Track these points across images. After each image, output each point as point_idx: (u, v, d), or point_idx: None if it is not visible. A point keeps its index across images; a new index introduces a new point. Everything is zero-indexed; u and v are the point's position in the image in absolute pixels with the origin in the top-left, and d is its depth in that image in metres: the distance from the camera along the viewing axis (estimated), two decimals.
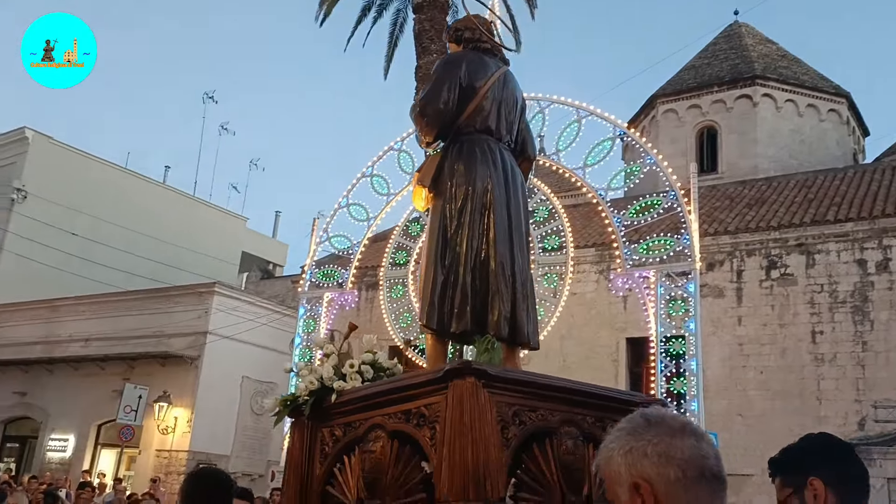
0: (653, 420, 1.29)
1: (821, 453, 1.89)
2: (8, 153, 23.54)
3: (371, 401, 2.46)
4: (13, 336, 20.64)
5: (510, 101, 3.10)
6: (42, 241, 20.51)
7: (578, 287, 13.87)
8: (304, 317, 13.11)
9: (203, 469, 3.06)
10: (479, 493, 1.99)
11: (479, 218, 2.84)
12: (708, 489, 1.23)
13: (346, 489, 2.39)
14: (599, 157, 10.85)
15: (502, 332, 2.79)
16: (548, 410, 2.30)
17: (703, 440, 1.28)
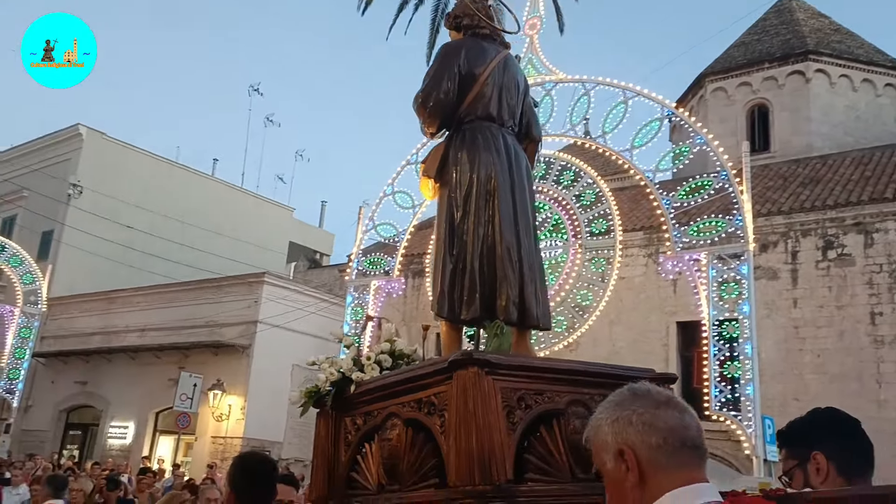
0: (639, 392, 1.37)
1: (826, 428, 1.91)
2: (63, 150, 24.21)
3: (387, 391, 2.53)
4: (73, 327, 21.32)
5: (511, 86, 3.08)
6: (98, 234, 21.08)
7: (627, 271, 13.71)
8: (351, 305, 13.23)
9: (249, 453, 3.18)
10: (485, 476, 2.05)
11: (485, 205, 2.85)
12: (688, 456, 1.30)
13: (369, 475, 2.49)
14: (647, 139, 10.67)
15: (511, 316, 2.80)
16: (554, 392, 2.33)
17: (685, 413, 1.35)
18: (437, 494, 2.18)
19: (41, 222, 22.87)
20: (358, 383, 2.64)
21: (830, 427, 1.91)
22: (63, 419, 21.22)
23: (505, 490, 2.07)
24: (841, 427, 1.91)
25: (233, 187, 28.16)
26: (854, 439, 1.87)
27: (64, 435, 21.19)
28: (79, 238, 21.50)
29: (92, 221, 21.41)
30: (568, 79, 11.35)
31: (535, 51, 11.80)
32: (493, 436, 2.12)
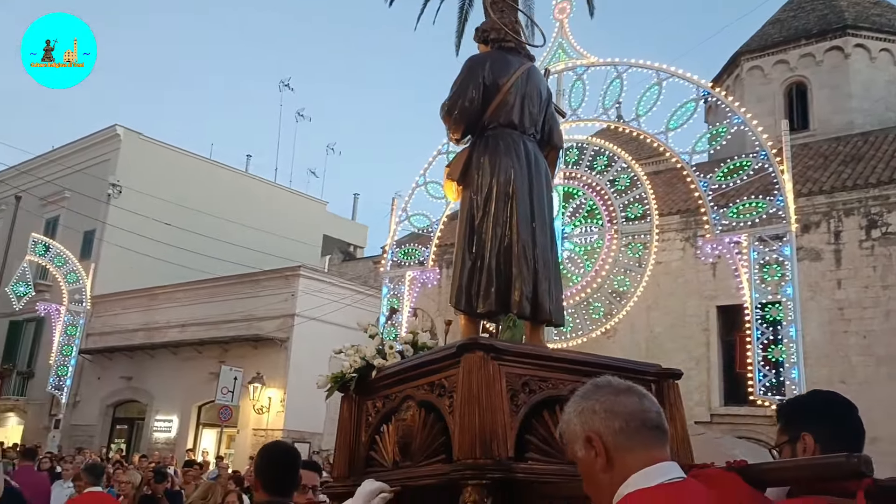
0: (601, 384, 1.49)
1: (819, 411, 1.97)
2: (102, 150, 24.67)
3: (404, 375, 2.74)
4: (117, 324, 21.77)
5: (534, 95, 3.25)
6: (138, 232, 21.46)
7: (664, 256, 13.52)
8: (387, 295, 13.29)
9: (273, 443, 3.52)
10: (486, 452, 2.22)
11: (504, 206, 3.04)
12: (649, 436, 1.41)
13: (385, 453, 2.71)
14: (682, 121, 10.50)
15: (524, 311, 2.98)
16: (558, 380, 2.48)
17: (645, 398, 1.46)
18: (443, 468, 2.37)
19: (83, 222, 23.35)
20: (379, 369, 2.85)
21: (823, 410, 1.98)
22: (110, 414, 21.71)
23: (504, 465, 2.23)
24: (833, 410, 1.97)
25: (266, 182, 28.43)
26: (844, 424, 1.93)
27: (111, 429, 21.68)
28: (119, 236, 21.92)
29: (131, 220, 21.80)
30: (599, 62, 11.21)
31: (566, 35, 11.66)
32: (496, 416, 2.29)
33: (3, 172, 26.21)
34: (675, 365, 12.48)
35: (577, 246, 11.09)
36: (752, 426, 13.16)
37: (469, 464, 2.23)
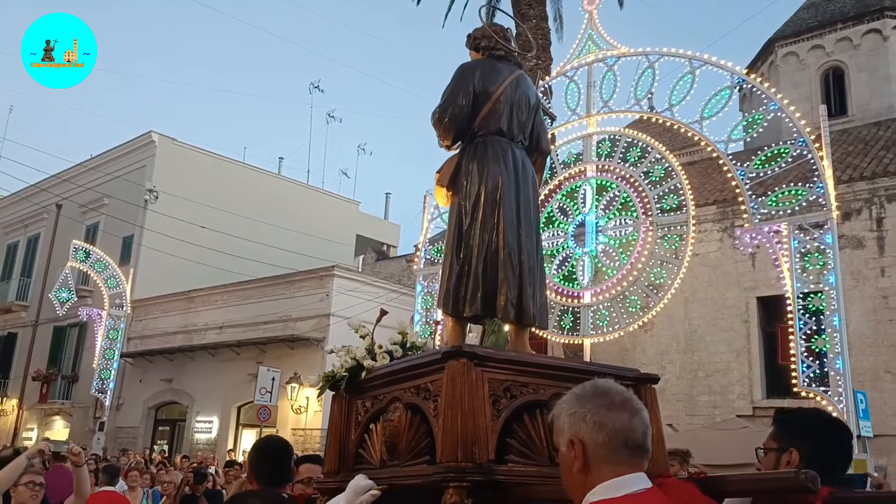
0: (599, 391, 1.55)
1: (814, 431, 2.05)
2: (138, 157, 25.10)
3: (392, 377, 2.83)
4: (157, 327, 22.13)
5: (522, 103, 3.32)
6: (175, 236, 21.78)
7: (701, 247, 13.32)
8: (421, 293, 13.28)
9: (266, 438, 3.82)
10: (467, 455, 2.31)
11: (491, 212, 3.11)
12: (628, 455, 1.49)
13: (373, 451, 2.81)
14: (717, 109, 10.30)
15: (509, 315, 3.07)
16: (539, 385, 2.58)
17: (636, 416, 1.51)
18: (427, 470, 2.46)
19: (122, 227, 23.78)
20: (368, 370, 2.92)
21: (818, 431, 2.05)
22: (152, 416, 22.08)
23: (485, 468, 2.31)
24: (827, 434, 2.05)
25: (299, 184, 28.66)
26: (832, 448, 2.02)
27: (154, 431, 22.05)
28: (157, 241, 22.27)
29: (168, 224, 22.14)
30: (630, 52, 11.06)
31: (595, 26, 11.54)
32: (478, 420, 2.38)
33: (46, 181, 26.80)
34: (716, 357, 12.38)
35: (611, 239, 10.97)
36: None
37: (451, 466, 2.32)
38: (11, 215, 30.53)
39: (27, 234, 29.44)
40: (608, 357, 14.81)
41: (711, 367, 14.02)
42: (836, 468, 1.97)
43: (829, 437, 2.05)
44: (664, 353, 14.62)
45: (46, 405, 24.67)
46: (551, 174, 11.88)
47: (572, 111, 11.66)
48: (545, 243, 11.77)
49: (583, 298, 10.92)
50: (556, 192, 11.67)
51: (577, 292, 11.07)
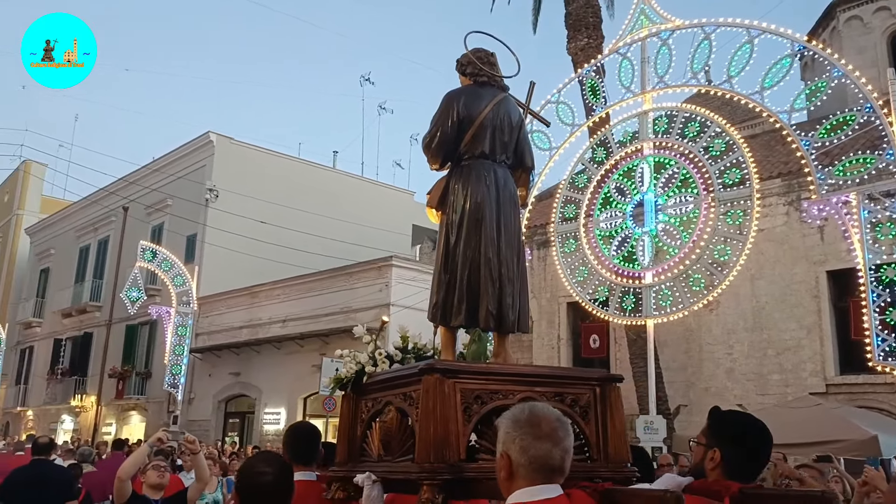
0: (532, 421, 1.86)
1: (735, 436, 2.32)
2: (198, 157, 25.71)
3: (387, 383, 3.18)
4: (223, 322, 22.71)
5: (505, 124, 3.57)
6: (236, 232, 22.28)
7: (766, 222, 12.94)
8: None
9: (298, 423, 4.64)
10: (439, 457, 2.65)
11: (474, 230, 3.41)
12: (543, 475, 1.83)
13: (373, 446, 3.17)
14: (778, 78, 9.96)
15: (490, 324, 3.38)
16: (508, 391, 2.89)
17: (557, 446, 1.84)
18: (410, 468, 2.80)
19: (185, 227, 24.43)
20: (370, 375, 3.30)
21: (736, 437, 2.32)
22: (222, 409, 22.70)
23: (455, 468, 2.65)
24: (746, 440, 2.32)
25: (353, 177, 28.93)
26: (751, 451, 2.31)
27: (224, 423, 22.67)
28: (219, 238, 22.81)
29: (229, 221, 22.64)
30: (685, 24, 10.79)
31: (648, 0, 11.29)
32: (449, 427, 2.71)
33: (113, 185, 27.74)
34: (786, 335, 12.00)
35: (671, 217, 10.75)
36: (872, 395, 12.47)
37: (424, 467, 2.67)
38: (82, 220, 31.71)
39: (97, 237, 30.55)
40: (672, 338, 14.57)
41: (781, 344, 13.63)
42: (749, 469, 2.28)
43: (747, 444, 2.32)
44: (731, 332, 14.27)
45: (123, 401, 25.62)
46: (607, 154, 11.71)
47: (626, 88, 11.45)
48: (603, 224, 11.62)
49: (644, 279, 10.75)
50: (613, 172, 11.49)
51: (637, 273, 10.90)
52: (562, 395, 2.97)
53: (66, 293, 30.80)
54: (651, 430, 10.51)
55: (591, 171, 11.96)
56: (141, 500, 4.71)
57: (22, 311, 33.75)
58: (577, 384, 3.05)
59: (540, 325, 17.57)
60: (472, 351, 3.66)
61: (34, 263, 34.81)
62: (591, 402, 3.00)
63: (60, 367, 29.71)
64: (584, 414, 2.98)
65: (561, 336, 17.16)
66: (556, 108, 12.22)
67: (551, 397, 2.92)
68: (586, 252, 11.59)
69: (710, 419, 2.45)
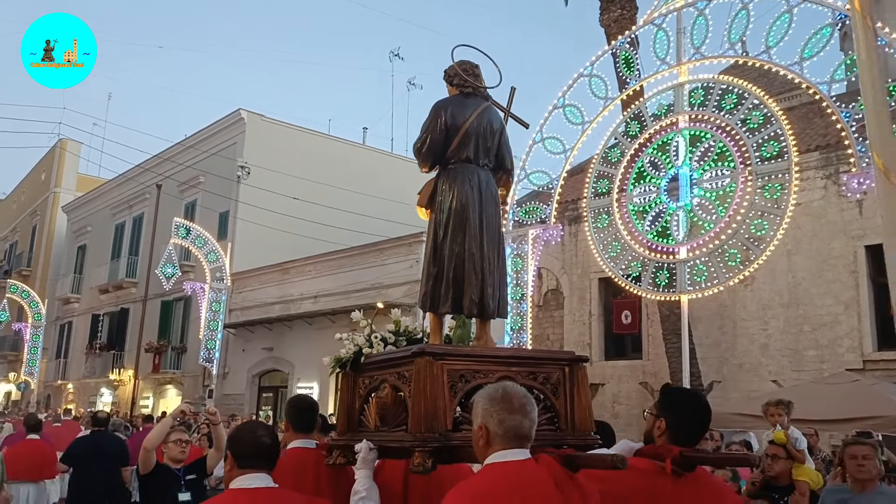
0: (505, 397, 2.28)
1: (678, 407, 2.70)
2: (229, 135, 25.91)
3: (382, 363, 3.58)
4: (256, 298, 23.01)
5: (487, 131, 3.96)
6: (268, 208, 22.47)
7: (804, 196, 12.68)
8: (511, 256, 13.22)
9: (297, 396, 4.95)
10: (429, 428, 3.06)
11: (459, 227, 3.81)
12: (515, 441, 2.24)
13: (370, 419, 3.57)
14: (818, 49, 9.71)
15: (472, 312, 3.80)
16: (488, 371, 3.29)
17: (527, 417, 2.27)
18: (404, 437, 3.20)
19: (218, 203, 24.71)
20: (366, 356, 3.69)
21: (678, 408, 2.70)
22: (256, 383, 23.07)
23: (442, 437, 3.06)
24: (684, 410, 2.69)
25: (383, 153, 28.95)
26: (687, 420, 2.66)
27: (258, 397, 23.05)
28: (251, 214, 23.04)
29: (261, 198, 22.84)
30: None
31: None
32: (438, 402, 3.12)
33: (147, 161, 28.11)
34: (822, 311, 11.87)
35: (707, 191, 10.59)
36: None
37: (416, 436, 3.07)
38: (117, 197, 32.22)
39: (132, 214, 31.04)
40: (706, 314, 14.43)
41: (818, 320, 13.43)
42: (691, 435, 2.64)
43: (687, 413, 2.68)
44: (766, 308, 14.09)
45: (159, 375, 26.17)
46: (641, 128, 11.54)
47: (662, 60, 11.24)
48: (636, 199, 11.49)
49: (678, 254, 10.64)
50: (647, 146, 11.34)
51: (671, 248, 10.78)
52: (535, 374, 3.39)
53: (102, 270, 31.42)
54: None
55: (624, 146, 11.81)
56: (164, 469, 4.99)
57: (61, 287, 34.53)
58: (549, 364, 3.47)
59: (571, 300, 17.52)
60: (457, 335, 4.00)
61: (71, 240, 35.52)
62: (560, 380, 3.41)
63: (98, 341, 30.42)
64: (555, 390, 3.39)
65: (592, 312, 17.09)
66: (589, 82, 12.06)
67: (526, 376, 3.33)
68: (619, 227, 11.49)
69: (661, 392, 2.91)
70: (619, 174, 11.68)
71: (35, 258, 37.93)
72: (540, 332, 16.48)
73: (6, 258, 41.05)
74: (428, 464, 2.99)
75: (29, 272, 37.02)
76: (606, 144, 12.12)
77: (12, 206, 43.62)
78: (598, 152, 12.21)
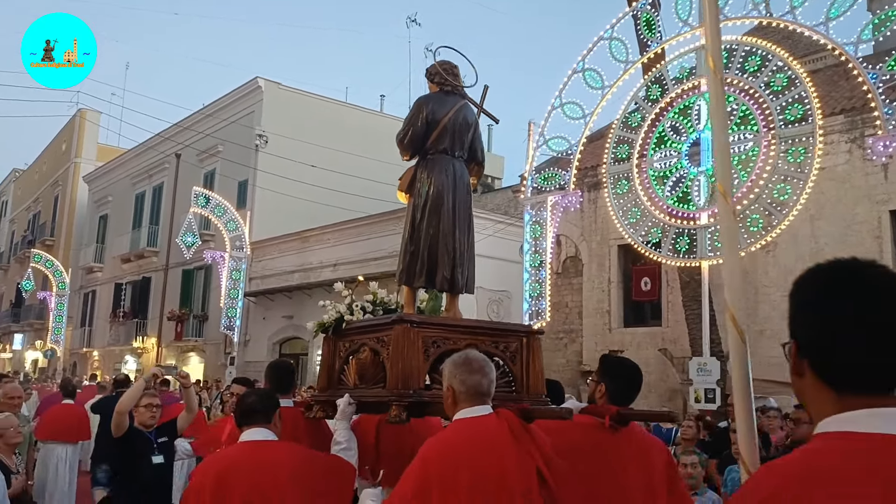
0: (467, 361, 2.73)
1: (614, 371, 3.18)
2: (247, 103, 25.88)
3: (362, 329, 4.01)
4: (276, 267, 23.16)
5: (463, 127, 4.38)
6: (287, 176, 22.50)
7: (827, 160, 12.48)
8: (530, 223, 13.19)
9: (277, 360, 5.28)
10: (404, 385, 3.51)
11: (435, 212, 4.21)
12: (477, 399, 2.67)
13: (349, 377, 3.99)
14: (843, 9, 9.48)
15: (443, 287, 4.23)
16: (457, 338, 3.75)
17: (485, 377, 2.70)
18: (382, 393, 3.64)
19: (237, 172, 24.77)
20: (347, 322, 4.09)
21: (612, 371, 3.17)
22: (276, 350, 23.31)
23: (416, 393, 3.52)
24: (619, 375, 3.14)
25: (400, 121, 28.73)
26: (623, 384, 3.10)
27: None
28: (270, 182, 23.08)
29: (280, 166, 22.86)
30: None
31: None
32: (412, 363, 3.58)
33: (166, 131, 28.18)
34: None
35: None
36: None
37: (394, 392, 3.52)
38: (137, 166, 32.41)
39: (152, 183, 31.24)
40: None
41: None
42: (626, 397, 3.07)
43: (622, 377, 3.13)
44: (788, 274, 13.95)
45: (182, 342, 26.54)
46: (662, 92, 11.37)
47: (684, 22, 11.04)
48: (657, 164, 11.37)
49: (699, 219, 10.54)
50: (668, 111, 11.18)
51: (692, 213, 10.69)
52: (497, 343, 3.86)
53: (124, 239, 31.75)
54: (704, 372, 10.46)
55: (644, 110, 11.65)
56: (137, 432, 5.06)
57: (84, 256, 34.95)
58: (509, 335, 3.95)
59: (590, 267, 17.46)
60: (429, 307, 4.60)
61: (93, 210, 35.86)
62: (518, 348, 3.88)
63: (122, 310, 30.85)
64: (514, 358, 3.84)
65: (611, 279, 17.04)
66: (609, 45, 11.88)
67: (489, 344, 3.80)
68: (639, 193, 11.39)
69: (601, 359, 3.29)
70: (640, 139, 11.55)
71: (58, 228, 38.37)
72: (559, 299, 16.49)
73: (30, 228, 41.56)
74: (403, 416, 3.43)
75: (52, 242, 37.49)
76: (627, 109, 11.97)
77: (34, 177, 44.04)
78: (619, 117, 12.07)
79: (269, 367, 4.44)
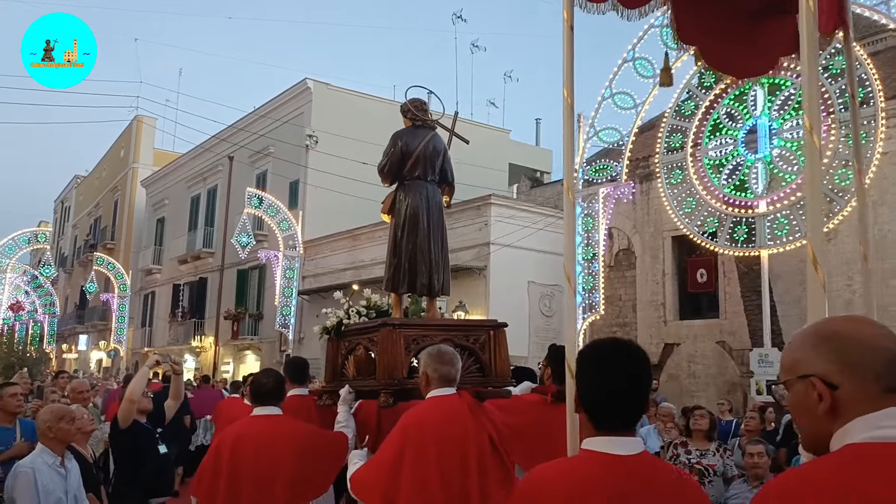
0: (439, 354, 3.42)
1: (554, 357, 3.79)
2: (296, 104, 26.26)
3: (358, 331, 4.78)
4: (327, 265, 23.47)
5: (433, 154, 5.13)
6: (338, 174, 22.76)
7: (890, 144, 12.06)
8: (581, 215, 13.09)
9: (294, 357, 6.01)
10: (391, 376, 4.26)
11: (413, 229, 4.93)
12: (446, 383, 3.36)
13: (349, 371, 4.75)
14: None
15: (423, 292, 5.00)
16: (433, 335, 4.46)
17: (453, 366, 3.40)
18: (373, 383, 4.38)
19: (289, 171, 25.16)
20: (346, 325, 4.86)
21: (555, 357, 3.79)
22: None
23: (400, 382, 4.24)
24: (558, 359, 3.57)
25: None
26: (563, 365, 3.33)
27: None
28: (321, 181, 23.38)
29: (330, 165, 23.14)
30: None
31: None
32: (397, 358, 4.34)
33: (219, 133, 28.79)
34: None
35: (787, 142, 10.21)
36: None
37: (382, 382, 4.29)
38: (192, 170, 33.19)
39: (206, 186, 31.95)
40: (786, 269, 13.98)
41: None
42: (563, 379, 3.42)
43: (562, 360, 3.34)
44: (850, 263, 13.54)
45: (238, 341, 27.09)
46: (716, 78, 11.16)
47: None
48: (712, 153, 11.18)
49: (757, 208, 10.32)
50: (723, 97, 10.97)
51: (750, 202, 10.47)
52: (468, 336, 4.59)
53: (180, 241, 32.56)
54: (766, 363, 10.23)
55: (698, 98, 11.46)
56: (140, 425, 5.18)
57: (143, 258, 35.98)
58: (478, 329, 4.71)
59: (644, 260, 17.24)
60: (412, 309, 5.28)
61: (151, 214, 36.87)
62: (486, 340, 4.60)
63: (180, 310, 31.65)
64: (482, 348, 4.56)
65: (666, 271, 16.78)
66: (661, 32, 11.70)
67: (462, 338, 4.53)
68: (694, 182, 11.21)
69: (548, 350, 3.98)
70: (694, 127, 11.36)
71: (118, 231, 39.56)
72: (612, 292, 16.33)
73: (91, 232, 42.94)
74: (390, 401, 4.14)
75: (113, 245, 38.66)
76: (679, 97, 11.79)
77: (95, 183, 45.48)
78: (671, 106, 11.89)
79: (287, 363, 5.20)
